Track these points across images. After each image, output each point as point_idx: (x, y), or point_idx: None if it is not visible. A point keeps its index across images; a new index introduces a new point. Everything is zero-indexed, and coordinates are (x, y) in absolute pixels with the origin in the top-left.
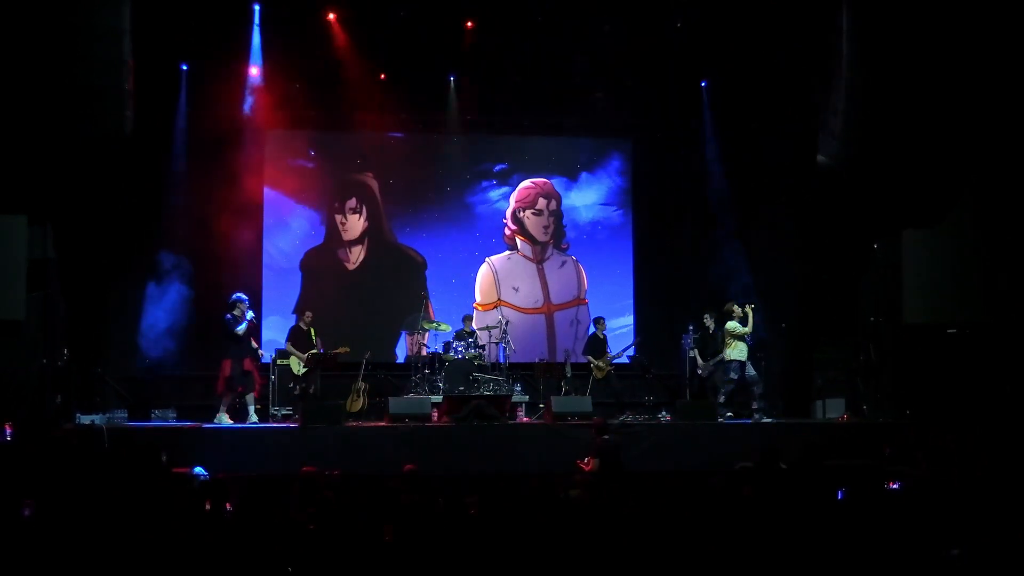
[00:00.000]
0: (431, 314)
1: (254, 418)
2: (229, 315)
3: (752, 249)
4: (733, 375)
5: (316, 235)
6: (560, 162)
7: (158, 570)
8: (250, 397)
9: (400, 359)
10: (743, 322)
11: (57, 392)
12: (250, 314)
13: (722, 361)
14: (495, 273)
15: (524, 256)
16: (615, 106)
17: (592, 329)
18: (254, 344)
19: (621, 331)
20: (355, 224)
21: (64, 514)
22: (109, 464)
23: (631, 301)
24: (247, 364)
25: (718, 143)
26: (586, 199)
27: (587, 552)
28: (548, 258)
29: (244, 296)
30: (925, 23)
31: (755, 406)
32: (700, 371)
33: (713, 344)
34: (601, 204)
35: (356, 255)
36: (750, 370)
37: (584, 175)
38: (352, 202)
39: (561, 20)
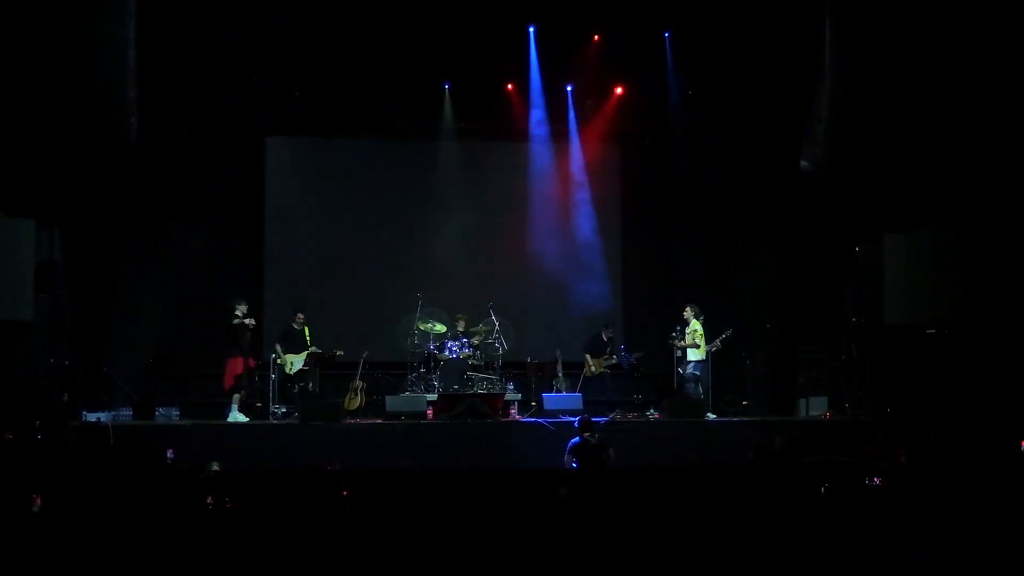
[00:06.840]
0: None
1: (242, 417)
2: (236, 316)
3: (738, 252)
4: (696, 372)
5: (316, 237)
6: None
7: (159, 564)
8: (237, 396)
9: None
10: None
11: (64, 390)
12: (250, 320)
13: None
14: None
15: None
16: (606, 112)
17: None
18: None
19: None
20: (365, 229)
21: (70, 509)
22: (114, 461)
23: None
24: (251, 362)
25: (705, 149)
26: None
27: (570, 548)
28: None
29: (241, 300)
30: (905, 34)
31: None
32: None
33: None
34: None
35: (366, 258)
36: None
37: None
38: (363, 207)
39: (556, 25)
